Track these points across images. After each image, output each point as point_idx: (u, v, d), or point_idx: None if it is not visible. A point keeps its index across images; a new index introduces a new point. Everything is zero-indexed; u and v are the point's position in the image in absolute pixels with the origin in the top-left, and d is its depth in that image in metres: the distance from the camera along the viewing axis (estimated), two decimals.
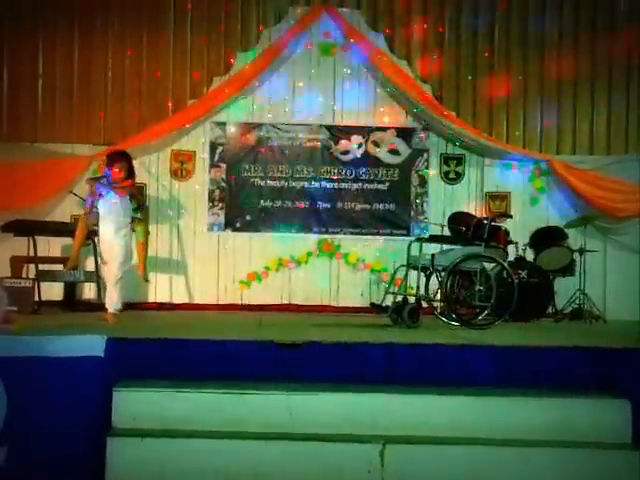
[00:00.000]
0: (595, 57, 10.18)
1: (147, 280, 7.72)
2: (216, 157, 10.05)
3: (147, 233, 7.71)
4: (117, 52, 9.97)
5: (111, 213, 6.72)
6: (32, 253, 8.37)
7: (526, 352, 4.96)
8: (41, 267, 8.43)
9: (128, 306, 9.31)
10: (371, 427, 4.46)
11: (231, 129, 10.10)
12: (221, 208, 9.99)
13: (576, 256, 9.11)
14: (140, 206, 7.33)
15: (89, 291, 9.50)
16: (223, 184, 10.01)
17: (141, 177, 9.92)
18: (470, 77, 10.15)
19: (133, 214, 7.11)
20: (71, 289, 9.17)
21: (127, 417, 4.46)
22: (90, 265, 9.24)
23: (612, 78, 10.18)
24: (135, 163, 9.74)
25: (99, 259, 6.81)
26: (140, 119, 9.85)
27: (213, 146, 10.05)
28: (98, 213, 6.74)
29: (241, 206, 10.01)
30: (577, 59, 10.18)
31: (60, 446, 4.29)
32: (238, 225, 10.00)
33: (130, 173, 7.01)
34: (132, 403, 4.48)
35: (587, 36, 10.16)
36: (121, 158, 7.01)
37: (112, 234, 6.67)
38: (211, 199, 9.98)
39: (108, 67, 9.97)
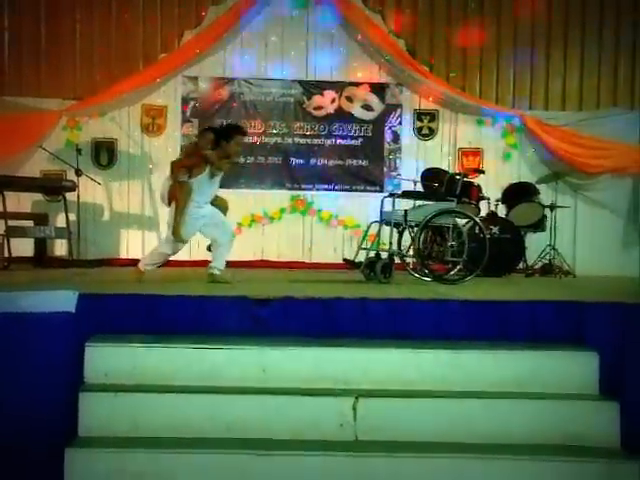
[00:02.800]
0: (568, 11, 10.15)
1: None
2: (188, 112, 9.95)
3: None
4: (86, 4, 9.77)
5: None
6: (1, 209, 8.25)
7: (496, 306, 4.96)
8: (10, 223, 8.32)
9: (100, 262, 9.30)
10: (344, 381, 4.47)
11: (203, 84, 9.98)
12: None
13: (547, 212, 9.15)
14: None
15: (60, 247, 9.41)
16: (195, 140, 9.90)
17: (112, 132, 9.82)
18: (443, 32, 10.10)
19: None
20: (42, 246, 9.08)
21: (100, 373, 4.43)
22: (61, 221, 9.16)
23: (585, 34, 10.17)
24: (105, 118, 9.79)
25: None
26: (110, 73, 9.69)
27: (185, 101, 9.95)
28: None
29: None
30: (550, 13, 10.15)
31: (32, 402, 4.27)
32: None
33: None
34: (104, 359, 4.46)
35: None
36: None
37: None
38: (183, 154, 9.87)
39: (76, 20, 9.78)
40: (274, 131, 10.05)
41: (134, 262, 9.44)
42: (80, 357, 4.43)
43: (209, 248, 6.85)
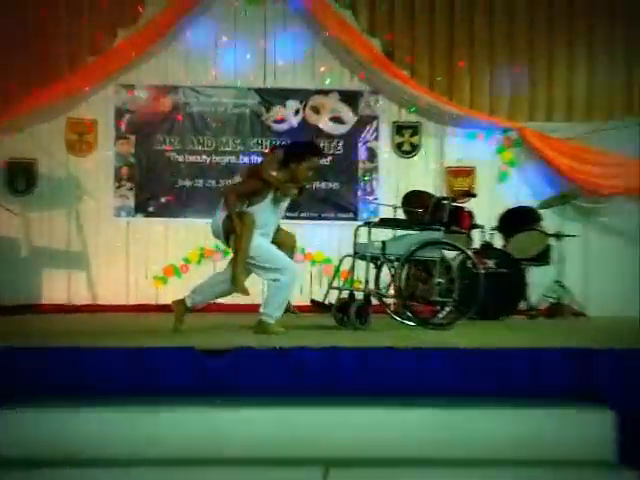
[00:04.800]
0: (573, 3, 10.30)
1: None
2: (123, 127, 9.95)
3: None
4: None
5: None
6: None
7: (493, 355, 4.97)
8: None
9: (18, 309, 9.20)
10: (311, 447, 4.44)
11: (141, 93, 10.00)
12: (130, 189, 9.93)
13: (552, 242, 9.22)
14: None
15: None
16: (132, 160, 9.95)
17: (30, 151, 9.77)
18: (426, 29, 10.21)
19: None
20: None
21: (15, 443, 4.38)
22: None
23: (593, 31, 10.32)
24: (23, 135, 9.74)
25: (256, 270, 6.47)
26: (28, 81, 9.61)
27: (119, 113, 9.97)
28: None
29: (154, 186, 9.95)
30: (552, 7, 10.30)
31: None
32: (151, 209, 9.97)
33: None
34: (21, 426, 4.40)
35: None
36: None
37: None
38: (118, 178, 9.92)
39: None
40: (227, 149, 10.09)
41: (59, 308, 9.47)
42: None
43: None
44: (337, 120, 10.18)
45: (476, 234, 8.92)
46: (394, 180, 10.14)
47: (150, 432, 4.42)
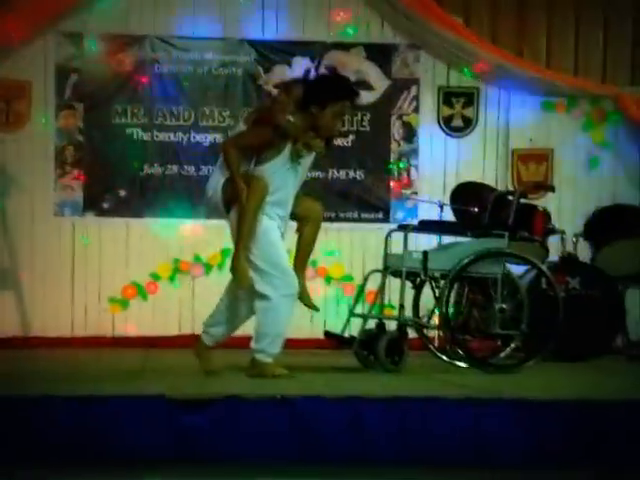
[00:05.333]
0: None
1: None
2: (67, 92, 9.98)
3: None
4: None
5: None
6: None
7: (580, 410, 5.01)
8: None
9: None
10: None
11: (93, 45, 10.04)
12: (76, 177, 9.94)
13: None
14: None
15: None
16: (79, 137, 9.96)
17: None
18: None
19: None
20: None
21: None
22: None
23: None
24: None
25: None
26: None
27: (62, 73, 9.98)
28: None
29: (111, 174, 10.00)
30: None
31: None
32: (106, 206, 9.99)
33: None
34: None
35: None
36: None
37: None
38: (60, 162, 9.93)
39: None
40: (210, 123, 10.12)
41: None
42: None
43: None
44: (362, 85, 10.18)
45: (554, 242, 8.93)
46: (440, 168, 10.19)
47: None
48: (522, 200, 7.61)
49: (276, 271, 6.24)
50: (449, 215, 8.07)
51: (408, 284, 7.27)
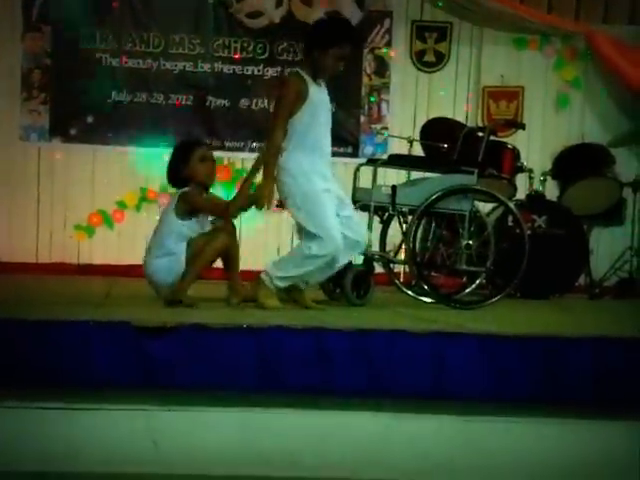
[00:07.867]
0: None
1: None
2: (34, 14, 9.88)
3: None
4: None
5: None
6: None
7: (541, 345, 5.03)
8: None
9: None
10: (288, 464, 4.47)
11: None
12: (43, 102, 9.89)
13: (627, 194, 9.27)
14: None
15: None
16: (46, 60, 9.88)
17: None
18: None
19: None
20: None
21: None
22: None
23: None
24: None
25: None
26: None
27: None
28: None
29: (78, 100, 9.94)
30: None
31: None
32: (73, 132, 9.95)
33: None
34: None
35: None
36: None
37: None
38: (26, 86, 9.86)
39: None
40: (180, 51, 10.06)
41: None
42: None
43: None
44: (335, 16, 10.14)
45: (522, 180, 8.96)
46: (411, 103, 10.17)
47: (64, 438, 4.46)
48: (492, 137, 7.61)
49: (321, 230, 6.21)
50: (419, 151, 8.06)
51: (376, 219, 7.29)
